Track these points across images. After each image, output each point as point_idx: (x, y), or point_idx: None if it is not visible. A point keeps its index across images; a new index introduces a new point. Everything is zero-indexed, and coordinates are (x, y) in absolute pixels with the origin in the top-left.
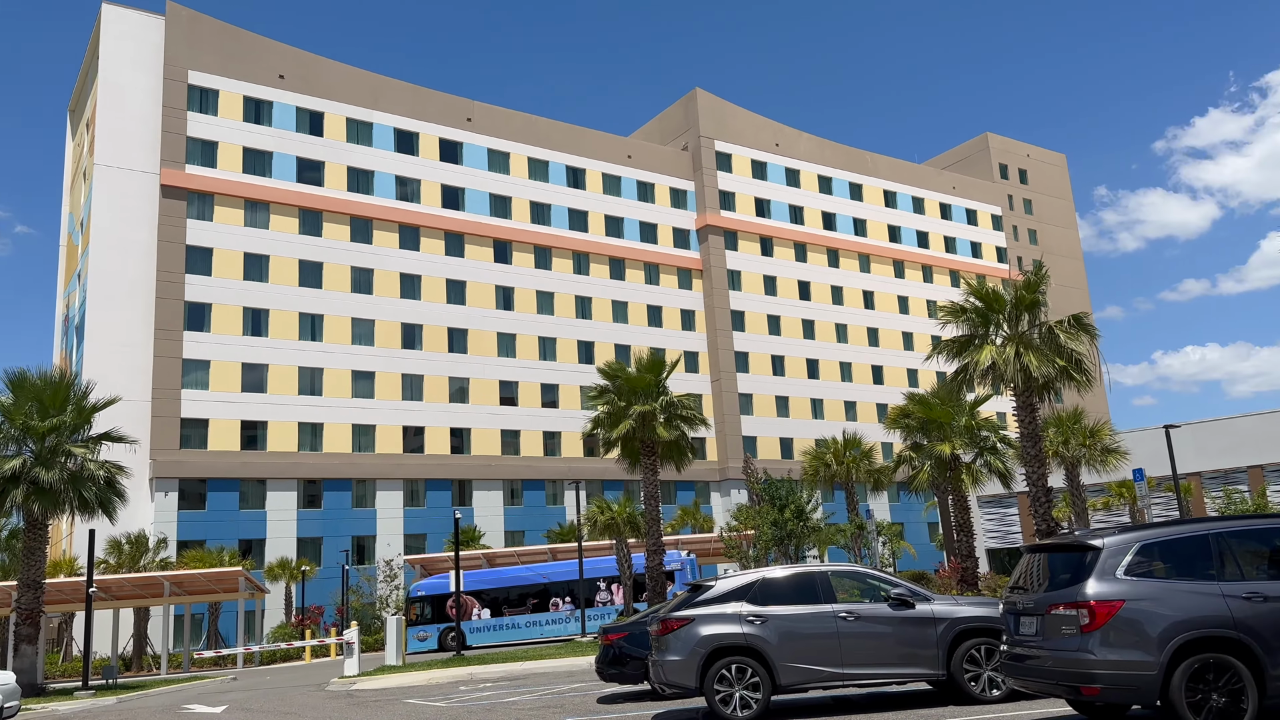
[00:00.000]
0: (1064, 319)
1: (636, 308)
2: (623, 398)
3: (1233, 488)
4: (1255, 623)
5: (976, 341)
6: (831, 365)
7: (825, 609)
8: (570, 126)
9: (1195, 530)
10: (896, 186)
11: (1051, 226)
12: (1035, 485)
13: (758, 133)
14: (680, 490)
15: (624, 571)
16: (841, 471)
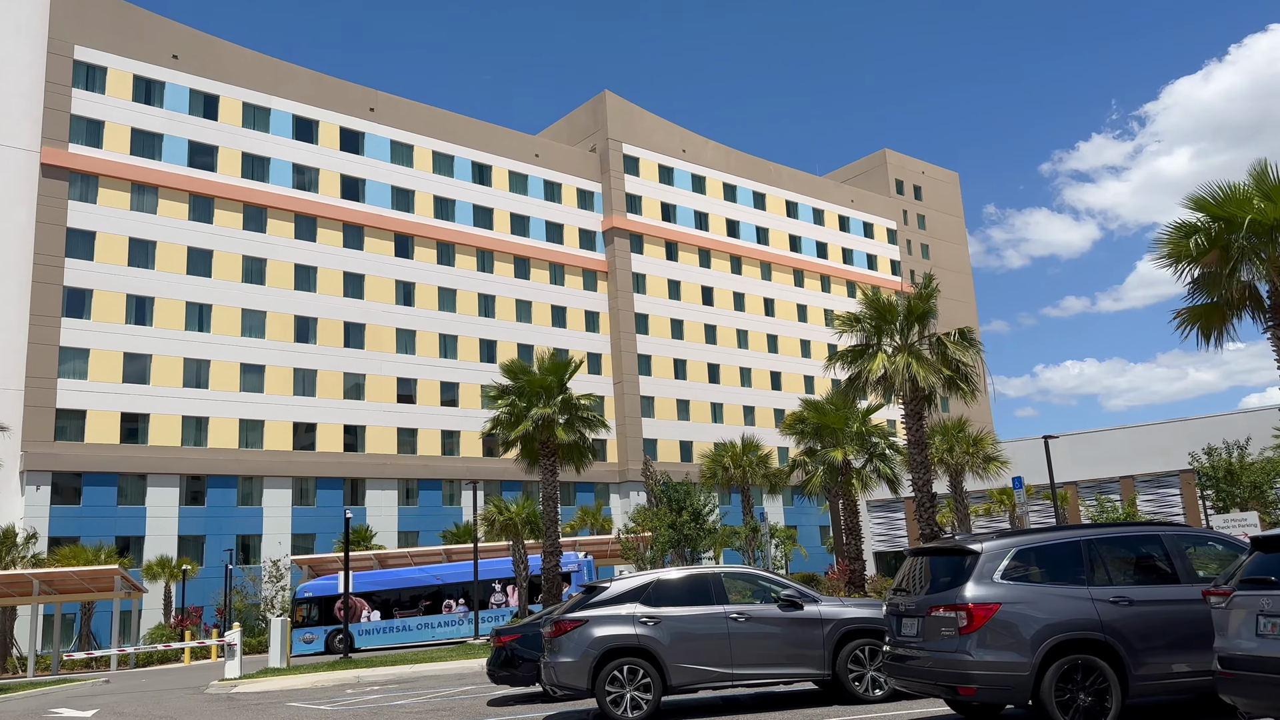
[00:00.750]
0: (951, 331)
1: (541, 308)
2: (524, 398)
3: (1106, 496)
4: (1121, 626)
5: (870, 351)
6: (732, 370)
7: (717, 610)
8: (477, 122)
9: (1068, 537)
10: (798, 197)
11: (943, 242)
12: (921, 491)
13: (666, 138)
14: (580, 491)
15: (520, 573)
16: (739, 475)
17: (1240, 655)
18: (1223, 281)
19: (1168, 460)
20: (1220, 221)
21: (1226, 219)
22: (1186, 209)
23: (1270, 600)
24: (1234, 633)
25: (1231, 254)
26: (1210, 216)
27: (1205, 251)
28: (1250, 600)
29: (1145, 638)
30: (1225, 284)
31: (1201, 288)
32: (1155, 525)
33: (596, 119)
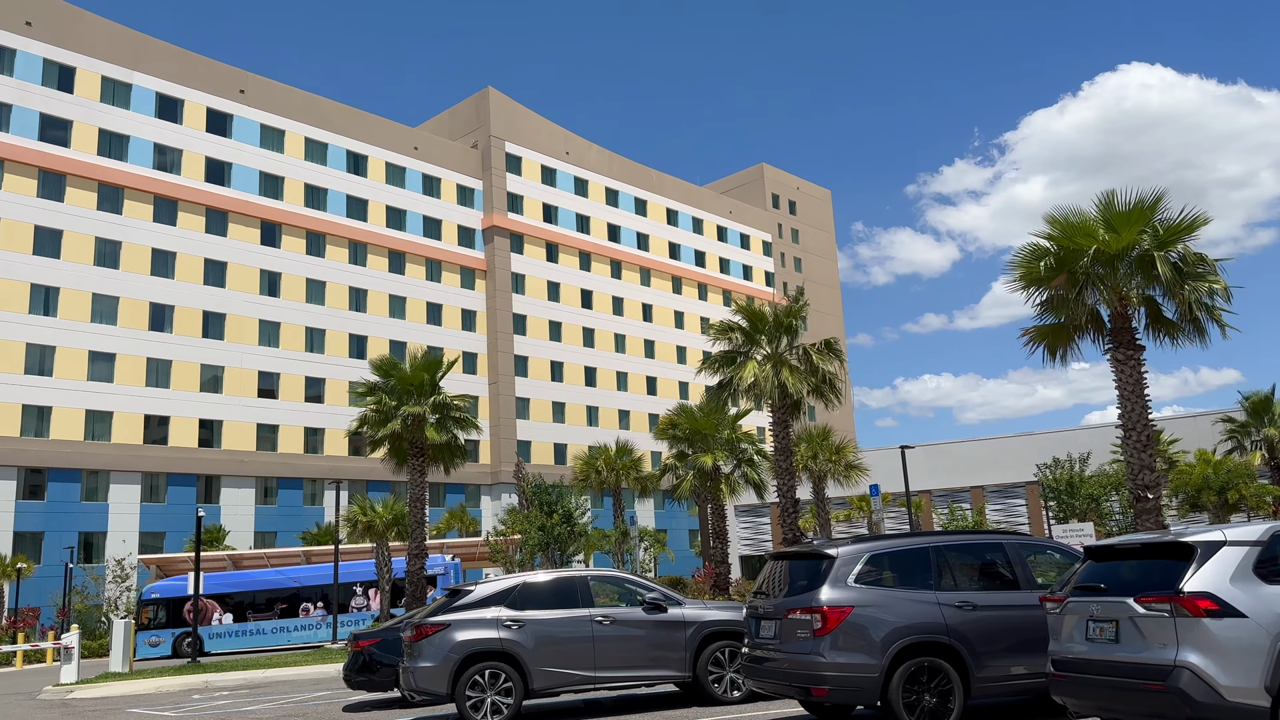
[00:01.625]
0: (818, 342)
1: (415, 304)
2: (394, 396)
3: (957, 505)
4: (965, 629)
5: (741, 359)
6: (609, 374)
7: (582, 613)
8: (354, 110)
9: (918, 543)
10: (679, 206)
11: (815, 256)
12: (785, 497)
13: (549, 139)
14: (450, 493)
15: (383, 576)
16: (611, 478)
17: (1072, 658)
18: (1069, 304)
19: (1015, 472)
20: (1068, 248)
21: (1074, 246)
22: (1038, 235)
23: (1100, 606)
24: (1067, 637)
25: (1078, 279)
26: (1059, 243)
27: (1054, 275)
28: (1082, 606)
29: (987, 641)
30: (1071, 307)
31: (1049, 309)
32: (999, 534)
33: (479, 115)
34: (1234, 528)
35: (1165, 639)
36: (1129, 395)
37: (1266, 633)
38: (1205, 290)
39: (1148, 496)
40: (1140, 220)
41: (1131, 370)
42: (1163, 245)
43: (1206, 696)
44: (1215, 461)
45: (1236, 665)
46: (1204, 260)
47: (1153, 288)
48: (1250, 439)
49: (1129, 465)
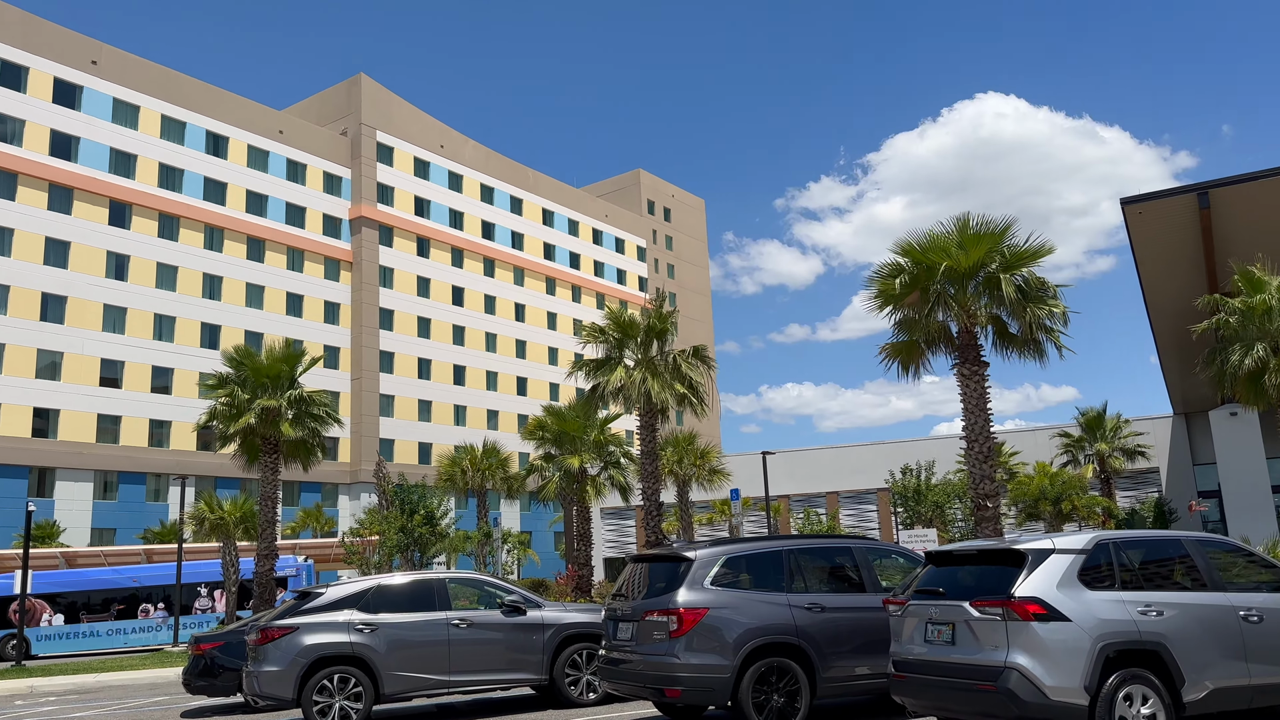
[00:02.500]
0: (687, 349)
1: (275, 294)
2: (248, 389)
3: (812, 509)
4: (813, 630)
5: (611, 363)
6: (479, 373)
7: (439, 616)
8: (216, 89)
9: (772, 546)
10: (555, 206)
11: (687, 263)
12: (649, 500)
13: (423, 131)
14: (306, 491)
15: (230, 576)
16: (477, 479)
17: (911, 659)
18: (921, 321)
19: (868, 479)
20: (922, 266)
21: (928, 265)
22: (895, 253)
23: (938, 609)
24: (907, 638)
25: (930, 296)
26: (914, 261)
27: (908, 292)
28: (922, 609)
29: (834, 642)
30: (923, 324)
31: (903, 325)
32: (848, 538)
33: (350, 101)
34: (1062, 537)
35: (997, 641)
36: (973, 409)
37: (1088, 636)
38: (1046, 313)
39: (987, 505)
40: (989, 243)
41: (976, 385)
42: (1009, 268)
43: (1032, 696)
44: (1052, 473)
45: (1060, 666)
46: (1045, 285)
47: (999, 308)
48: (1084, 453)
49: (971, 475)
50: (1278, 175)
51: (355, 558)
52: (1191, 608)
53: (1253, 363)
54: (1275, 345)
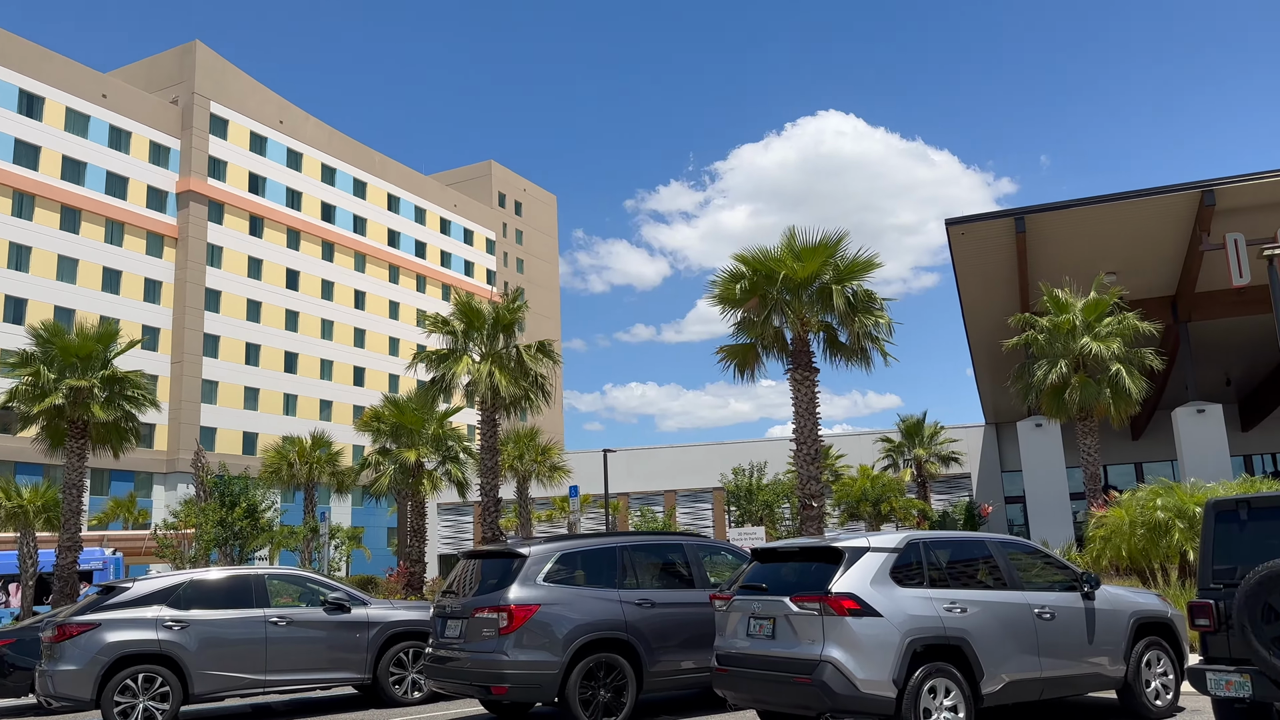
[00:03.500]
0: (534, 344)
1: (90, 268)
2: (55, 368)
3: (650, 508)
4: (643, 626)
5: (455, 355)
6: (312, 361)
7: (256, 614)
8: (32, 44)
9: (606, 543)
10: (401, 192)
11: (537, 259)
12: (487, 495)
13: (262, 105)
14: (118, 480)
15: (26, 569)
16: (305, 471)
17: (734, 653)
18: (758, 326)
19: (704, 478)
20: (761, 274)
21: (767, 273)
22: (737, 259)
23: (761, 604)
24: (730, 633)
25: (768, 303)
26: (754, 269)
27: (748, 298)
28: (745, 604)
29: (662, 637)
30: (760, 328)
31: (742, 329)
32: (681, 535)
33: (183, 69)
34: (878, 535)
35: (814, 635)
36: (803, 413)
37: (898, 631)
38: (873, 323)
39: (812, 505)
40: (824, 255)
41: (807, 390)
42: (841, 280)
43: (844, 688)
44: (873, 476)
45: (871, 660)
46: (873, 297)
47: (830, 316)
48: (903, 458)
49: (799, 476)
50: (1086, 205)
51: (169, 551)
52: (992, 605)
53: (1056, 378)
54: (1076, 363)
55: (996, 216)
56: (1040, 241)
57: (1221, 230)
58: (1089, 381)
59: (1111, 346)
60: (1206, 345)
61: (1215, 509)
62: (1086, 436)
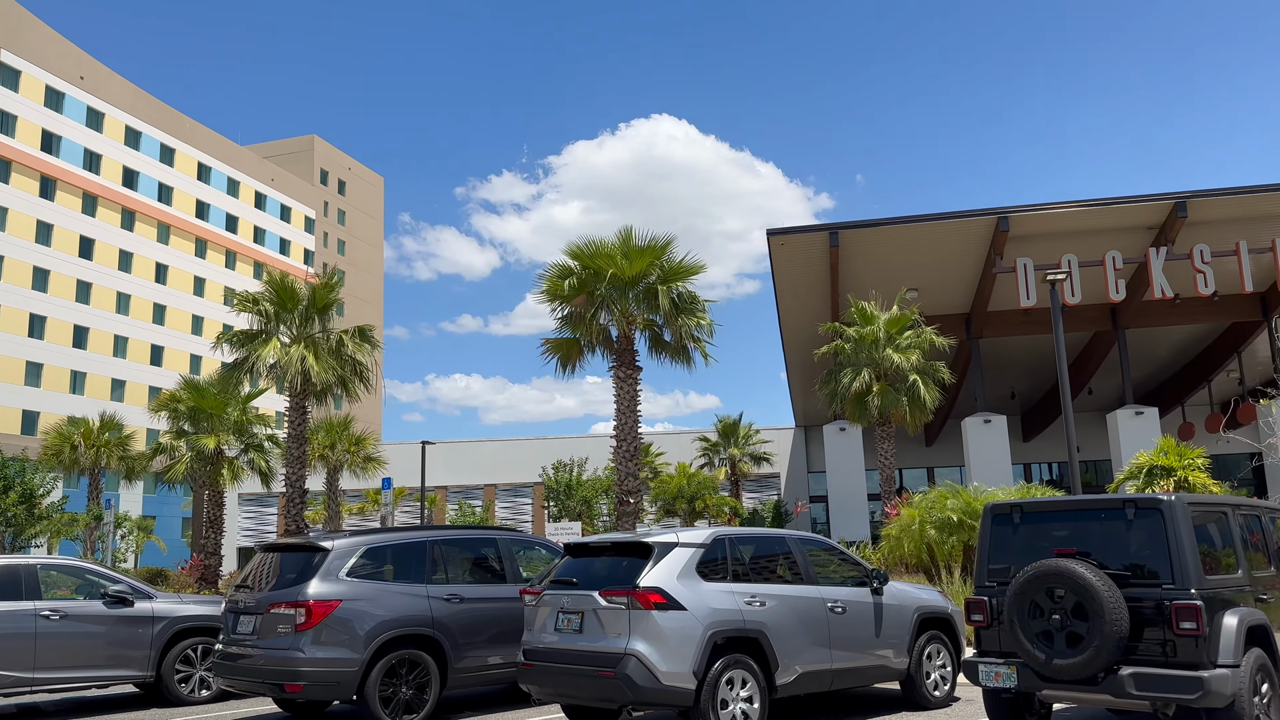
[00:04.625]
0: (352, 329)
1: None
2: None
3: (470, 502)
4: (449, 622)
5: (265, 335)
6: (105, 337)
7: (25, 607)
8: None
9: (416, 537)
10: (213, 162)
11: (361, 241)
12: (293, 486)
13: (61, 58)
14: None
15: None
16: (90, 455)
17: (542, 648)
18: (585, 322)
19: (525, 473)
20: (590, 271)
21: (595, 270)
22: (568, 254)
23: (570, 599)
24: (539, 628)
25: (595, 300)
26: (584, 265)
27: (576, 294)
28: (555, 599)
29: (470, 633)
30: (587, 324)
31: (568, 324)
32: (495, 529)
33: None
34: (686, 531)
35: (620, 629)
36: (625, 409)
37: (701, 624)
38: (695, 324)
39: (629, 501)
40: (652, 256)
41: (629, 388)
42: (667, 281)
43: (647, 681)
44: (690, 474)
45: (674, 653)
46: (697, 299)
47: (656, 316)
48: (719, 456)
49: (618, 472)
50: (893, 224)
51: None
52: (789, 599)
53: (860, 385)
54: (879, 372)
55: (813, 230)
56: (851, 256)
57: (1013, 255)
58: (889, 390)
59: (910, 358)
60: (995, 361)
61: (992, 513)
62: (884, 441)
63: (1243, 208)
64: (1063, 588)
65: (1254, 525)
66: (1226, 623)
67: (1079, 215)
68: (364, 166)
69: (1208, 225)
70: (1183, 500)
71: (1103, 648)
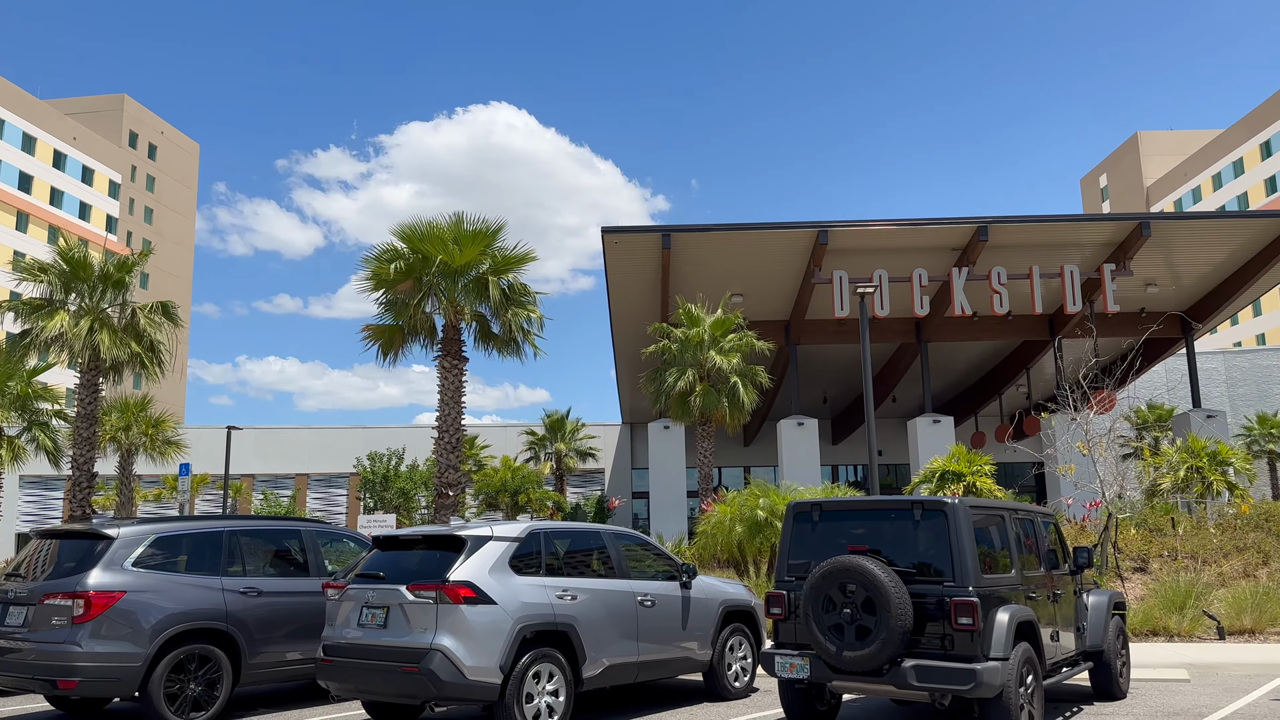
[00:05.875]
0: (153, 304)
1: None
2: None
3: (279, 491)
4: (245, 616)
5: (52, 306)
6: None
7: None
8: None
9: (211, 527)
10: (6, 114)
11: (170, 211)
12: (80, 469)
13: None
14: None
15: None
16: None
17: (343, 643)
18: (410, 309)
19: (341, 462)
20: (419, 255)
21: (424, 255)
22: (395, 236)
23: (376, 593)
24: (341, 623)
25: (422, 286)
26: (412, 249)
27: (402, 279)
28: (360, 593)
29: (268, 628)
30: (412, 311)
31: (391, 310)
32: (299, 520)
33: None
34: (502, 524)
35: (427, 624)
36: (449, 400)
37: (511, 618)
38: (525, 317)
39: (448, 494)
40: (483, 244)
41: (454, 378)
42: (498, 271)
43: (451, 676)
44: (515, 468)
45: (481, 647)
46: (528, 291)
47: (485, 306)
48: (545, 451)
49: (439, 464)
50: (722, 231)
51: None
52: (600, 593)
53: (684, 385)
54: (702, 373)
55: (647, 231)
56: (683, 259)
57: (831, 267)
58: (711, 390)
59: (732, 361)
60: (810, 367)
61: (794, 510)
62: (705, 440)
63: (1038, 235)
64: (854, 583)
65: (1028, 529)
66: (999, 619)
67: (892, 234)
68: (178, 131)
69: (1006, 249)
70: (965, 504)
71: (888, 640)
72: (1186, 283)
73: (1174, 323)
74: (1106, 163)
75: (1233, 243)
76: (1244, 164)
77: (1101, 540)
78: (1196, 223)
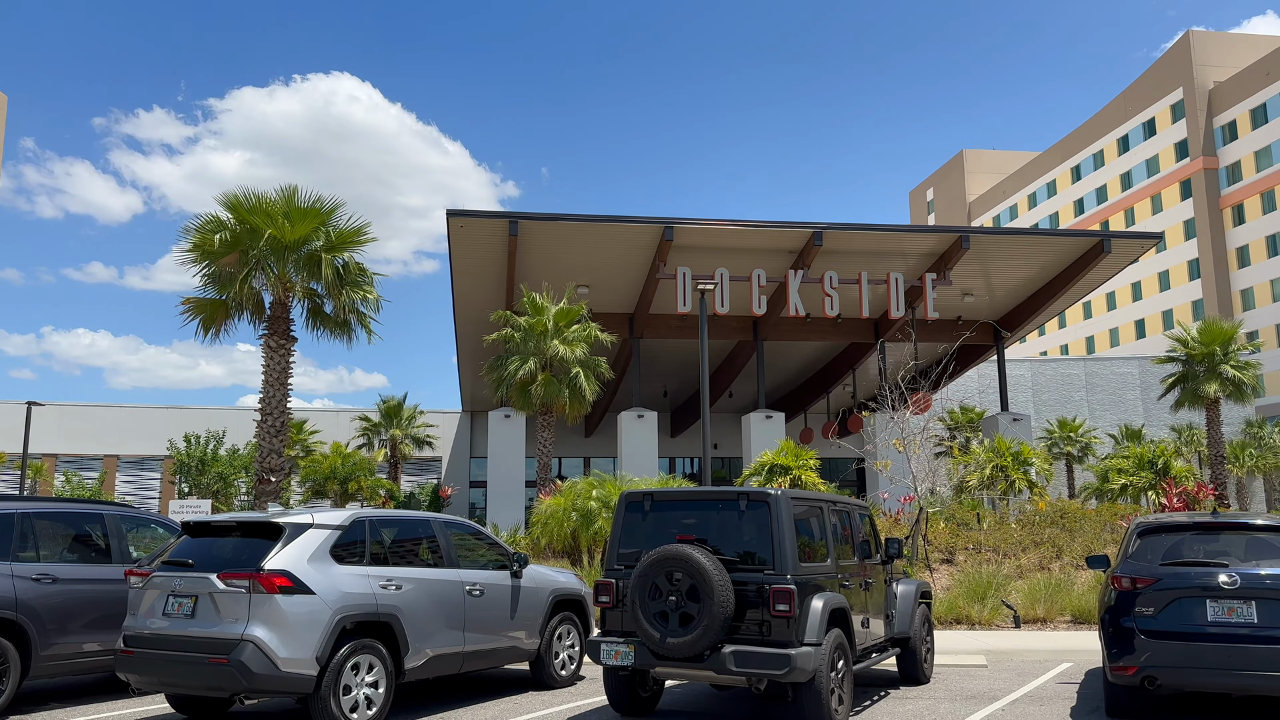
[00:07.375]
0: None
1: None
2: None
3: (85, 473)
4: (38, 604)
5: None
6: None
7: None
8: None
9: (2, 508)
10: None
11: None
12: None
13: None
14: None
15: None
16: None
17: (146, 634)
18: (235, 283)
19: (156, 444)
20: (246, 228)
21: (252, 227)
22: (222, 205)
23: (184, 581)
24: (145, 612)
25: (249, 260)
26: (239, 220)
27: (228, 251)
28: (166, 581)
29: (64, 617)
30: (237, 286)
31: (214, 283)
32: (101, 504)
33: None
34: (323, 512)
35: (239, 614)
36: (274, 382)
37: (329, 608)
38: (360, 298)
39: (270, 479)
40: (317, 220)
41: (281, 359)
42: (332, 249)
43: (264, 668)
44: (346, 454)
45: (297, 638)
46: (364, 272)
47: (317, 285)
48: (379, 438)
49: (261, 448)
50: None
51: None
52: (426, 583)
53: (526, 374)
54: (544, 362)
55: (494, 216)
56: (529, 247)
57: (675, 263)
58: (553, 380)
59: (575, 351)
60: (652, 360)
61: (626, 500)
62: (545, 430)
63: (867, 242)
64: (680, 571)
65: (845, 520)
66: (814, 606)
67: (734, 234)
68: None
69: (838, 255)
70: (786, 495)
71: (710, 627)
72: (1000, 294)
73: (987, 331)
74: (934, 178)
75: (1044, 259)
76: (1057, 185)
77: (913, 533)
78: (1012, 238)
